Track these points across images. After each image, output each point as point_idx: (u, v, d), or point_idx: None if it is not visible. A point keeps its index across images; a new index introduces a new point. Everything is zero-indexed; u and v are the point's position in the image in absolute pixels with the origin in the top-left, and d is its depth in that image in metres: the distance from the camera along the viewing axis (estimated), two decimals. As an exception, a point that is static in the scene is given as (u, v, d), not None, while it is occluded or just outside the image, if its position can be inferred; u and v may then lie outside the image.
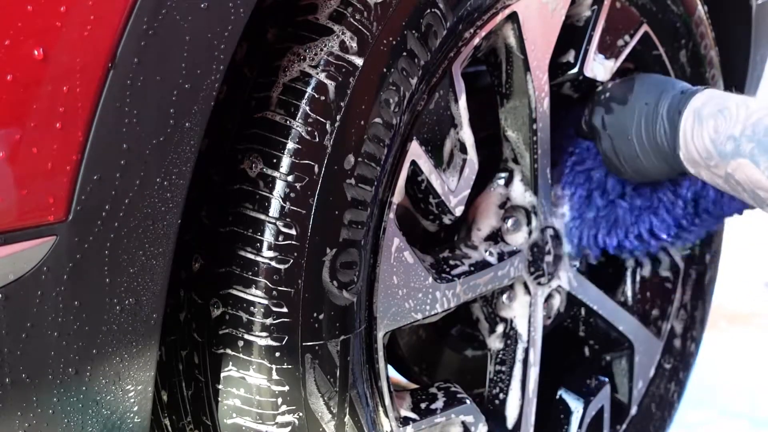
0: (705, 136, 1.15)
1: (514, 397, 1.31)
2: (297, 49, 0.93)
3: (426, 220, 1.16)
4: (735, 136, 1.11)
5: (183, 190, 0.82)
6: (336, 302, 0.96)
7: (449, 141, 1.12)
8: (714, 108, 1.15)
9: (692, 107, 1.18)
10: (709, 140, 1.14)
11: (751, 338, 2.44)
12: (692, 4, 1.43)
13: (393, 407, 1.09)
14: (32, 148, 0.72)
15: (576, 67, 1.29)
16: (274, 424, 0.95)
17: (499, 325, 1.32)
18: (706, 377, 2.07)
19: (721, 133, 1.13)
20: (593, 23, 1.30)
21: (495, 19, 1.13)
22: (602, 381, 1.49)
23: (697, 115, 1.17)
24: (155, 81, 0.77)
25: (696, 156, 1.18)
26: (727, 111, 1.13)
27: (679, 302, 1.61)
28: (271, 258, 0.91)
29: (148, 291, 0.82)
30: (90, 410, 0.81)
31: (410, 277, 1.09)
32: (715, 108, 1.15)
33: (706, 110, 1.16)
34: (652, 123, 1.23)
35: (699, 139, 1.16)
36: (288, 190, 0.91)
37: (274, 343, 0.93)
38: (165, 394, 1.00)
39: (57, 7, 0.72)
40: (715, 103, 1.16)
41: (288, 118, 0.91)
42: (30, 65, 0.71)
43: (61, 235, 0.75)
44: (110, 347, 0.80)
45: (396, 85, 0.98)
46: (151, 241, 0.81)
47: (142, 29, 0.76)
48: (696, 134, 1.17)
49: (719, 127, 1.13)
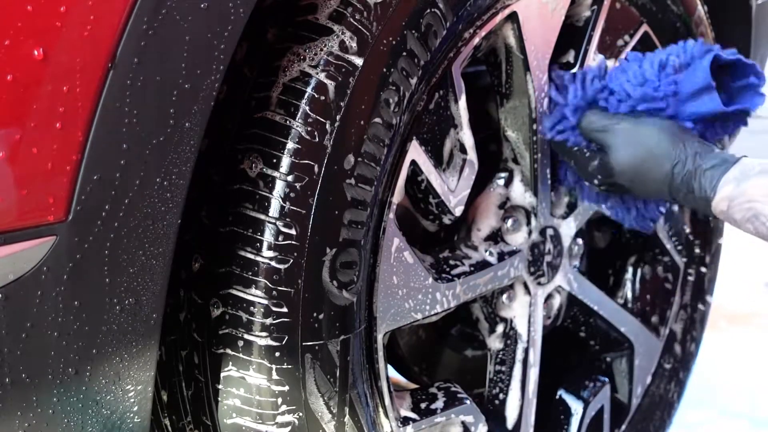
0: (748, 232, 1.12)
1: (514, 397, 1.31)
2: (297, 49, 0.93)
3: (426, 220, 1.16)
4: None
5: (183, 190, 0.82)
6: (336, 302, 0.96)
7: (449, 141, 1.12)
8: (745, 213, 1.10)
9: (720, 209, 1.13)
10: (757, 236, 1.11)
11: (751, 338, 2.44)
12: (692, 4, 1.43)
13: (393, 407, 1.09)
14: (32, 148, 0.72)
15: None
16: (274, 424, 0.95)
17: (499, 325, 1.32)
18: (706, 377, 2.07)
19: (764, 236, 1.10)
20: (593, 23, 1.30)
21: (495, 19, 1.13)
22: (602, 381, 1.49)
23: (731, 218, 1.13)
24: (155, 81, 0.77)
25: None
26: (763, 217, 1.09)
27: (678, 303, 1.61)
28: (271, 258, 0.91)
29: (148, 291, 0.82)
30: (90, 410, 0.81)
31: (410, 277, 1.09)
32: (747, 213, 1.10)
33: (738, 215, 1.11)
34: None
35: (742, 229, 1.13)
36: (288, 190, 0.91)
37: (274, 343, 0.93)
38: (165, 394, 1.00)
39: (57, 7, 0.72)
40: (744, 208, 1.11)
41: (288, 118, 0.91)
42: (30, 65, 0.71)
43: (61, 235, 0.75)
44: (110, 347, 0.80)
45: (396, 85, 0.98)
46: (151, 241, 0.81)
47: (142, 29, 0.76)
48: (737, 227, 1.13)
49: (761, 232, 1.09)
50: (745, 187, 1.10)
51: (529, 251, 1.29)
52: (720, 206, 1.13)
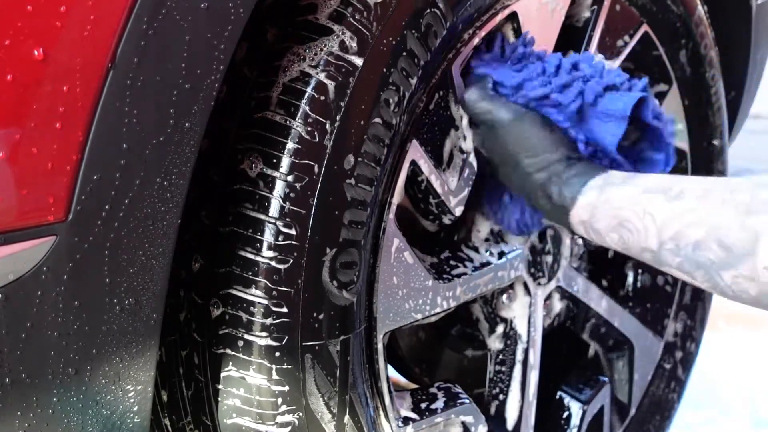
0: (611, 244, 1.04)
1: (514, 397, 1.31)
2: (297, 49, 0.93)
3: (426, 220, 1.16)
4: (653, 250, 0.99)
5: (183, 190, 0.82)
6: (336, 302, 0.96)
7: (449, 141, 1.12)
8: (610, 221, 1.02)
9: (579, 220, 1.06)
10: (621, 248, 1.04)
11: (750, 338, 2.44)
12: (692, 4, 1.43)
13: (393, 407, 1.09)
14: (32, 148, 0.72)
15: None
16: (274, 424, 0.95)
17: (499, 325, 1.32)
18: (706, 377, 2.07)
19: (632, 246, 1.01)
20: (593, 23, 1.30)
21: (495, 19, 1.13)
22: (602, 381, 1.49)
23: (592, 228, 1.05)
24: (155, 81, 0.77)
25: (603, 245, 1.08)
26: (629, 224, 1.00)
27: (678, 303, 1.61)
28: (271, 258, 0.91)
29: (148, 291, 0.82)
30: (90, 410, 0.81)
31: (410, 278, 1.09)
32: (612, 221, 1.02)
33: (601, 224, 1.04)
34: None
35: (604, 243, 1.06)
36: (288, 190, 0.91)
37: (274, 343, 0.93)
38: (165, 394, 1.00)
39: (57, 7, 0.72)
40: (608, 215, 1.02)
41: (288, 118, 0.91)
42: (30, 65, 0.71)
43: (61, 235, 0.75)
44: (110, 347, 0.80)
45: (396, 85, 0.98)
46: (151, 241, 0.81)
47: (142, 29, 0.76)
48: (598, 240, 1.06)
49: (627, 241, 1.01)
50: (610, 195, 1.03)
51: (529, 251, 1.29)
52: (581, 215, 1.05)
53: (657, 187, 1.00)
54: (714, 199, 0.95)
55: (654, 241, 0.98)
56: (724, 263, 0.92)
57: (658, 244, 0.98)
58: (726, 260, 0.92)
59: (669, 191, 0.98)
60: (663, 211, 0.98)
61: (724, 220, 0.92)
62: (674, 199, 0.97)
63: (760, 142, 3.87)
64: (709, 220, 0.94)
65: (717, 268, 0.93)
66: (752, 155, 3.46)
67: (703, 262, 0.94)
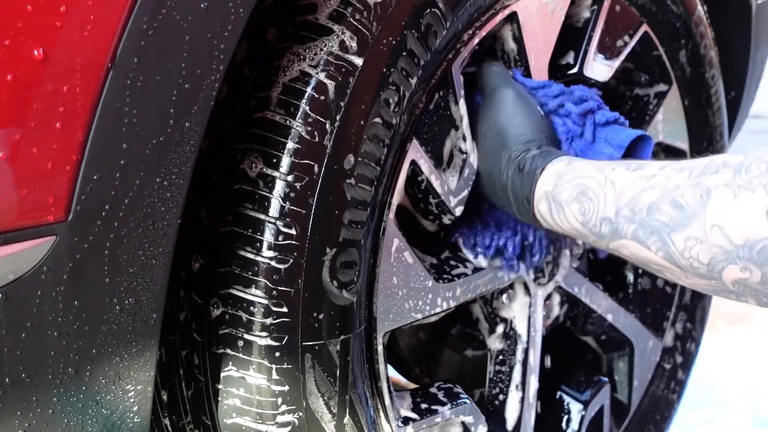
0: (572, 219, 1.03)
1: (514, 397, 1.31)
2: (297, 49, 0.93)
3: (426, 220, 1.16)
4: (610, 219, 0.98)
5: (183, 190, 0.82)
6: (336, 302, 0.96)
7: (449, 141, 1.12)
8: (573, 191, 1.02)
9: (543, 191, 1.06)
10: (579, 224, 1.02)
11: (750, 338, 2.44)
12: (692, 4, 1.43)
13: (393, 407, 1.09)
14: (32, 147, 0.72)
15: (576, 67, 1.29)
16: (274, 423, 0.95)
17: (498, 325, 1.32)
18: (706, 377, 2.07)
19: (591, 216, 1.00)
20: (593, 24, 1.29)
21: (495, 19, 1.13)
22: (602, 381, 1.49)
23: (554, 200, 1.04)
24: (155, 81, 0.77)
25: (563, 231, 1.07)
26: (590, 191, 1.00)
27: (678, 303, 1.61)
28: (271, 258, 0.91)
29: (148, 291, 0.82)
30: (90, 410, 0.81)
31: (410, 278, 1.09)
32: (574, 190, 1.02)
33: (564, 194, 1.03)
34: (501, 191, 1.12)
35: (564, 222, 1.04)
36: (288, 190, 0.91)
37: (274, 343, 0.93)
38: (165, 394, 1.00)
39: (57, 7, 0.72)
40: (571, 184, 1.03)
41: (288, 118, 0.91)
42: (30, 65, 0.71)
43: (61, 235, 0.75)
44: (110, 347, 0.80)
45: (396, 85, 0.98)
46: (151, 241, 0.81)
47: (142, 29, 0.76)
48: (559, 218, 1.05)
49: (587, 211, 1.00)
50: (576, 165, 1.04)
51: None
52: (546, 185, 1.05)
53: (622, 162, 1.03)
54: (673, 167, 0.96)
55: (612, 208, 0.98)
56: (675, 224, 0.91)
57: (615, 211, 0.98)
58: (677, 220, 0.91)
59: (632, 164, 1.00)
60: (623, 179, 0.98)
61: (679, 181, 0.93)
62: (636, 169, 0.99)
63: (760, 142, 3.87)
64: (665, 183, 0.94)
65: (669, 231, 0.92)
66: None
67: (657, 226, 0.93)
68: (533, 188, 1.07)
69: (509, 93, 1.14)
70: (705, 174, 0.91)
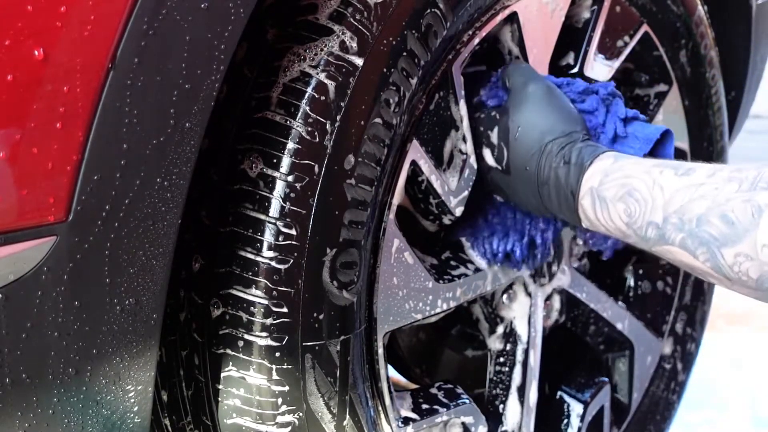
0: (616, 218, 1.02)
1: (514, 398, 1.31)
2: (297, 49, 0.93)
3: (426, 220, 1.16)
4: (657, 224, 0.98)
5: (183, 190, 0.82)
6: (336, 302, 0.96)
7: (449, 142, 1.12)
8: (619, 190, 1.01)
9: (588, 186, 1.04)
10: (624, 224, 1.02)
11: (749, 338, 2.44)
12: (692, 4, 1.43)
13: (393, 407, 1.09)
14: (32, 148, 0.72)
15: (576, 67, 1.29)
16: (274, 424, 0.95)
17: (499, 325, 1.32)
18: (706, 377, 2.07)
19: (637, 218, 1.00)
20: (593, 24, 1.30)
21: (495, 19, 1.13)
22: (602, 381, 1.49)
23: (599, 197, 1.03)
24: (155, 81, 0.77)
25: (605, 230, 1.06)
26: (637, 194, 0.99)
27: (678, 303, 1.61)
28: (271, 258, 0.91)
29: (148, 291, 0.82)
30: (90, 410, 0.81)
31: (410, 278, 1.09)
32: (620, 190, 1.01)
33: (610, 192, 1.02)
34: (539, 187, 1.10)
35: (608, 221, 1.04)
36: (288, 190, 0.91)
37: (274, 343, 0.93)
38: (165, 394, 1.00)
39: (57, 7, 0.72)
40: (618, 183, 1.02)
41: (288, 118, 0.91)
42: (30, 65, 0.71)
43: (61, 235, 0.75)
44: (110, 347, 0.80)
45: (396, 85, 0.98)
46: (151, 241, 0.81)
47: (142, 29, 0.76)
48: (602, 216, 1.04)
49: (633, 213, 1.00)
50: (624, 164, 1.03)
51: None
52: (592, 180, 1.04)
53: (669, 163, 1.01)
54: (721, 176, 0.95)
55: (659, 214, 0.98)
56: (726, 239, 0.91)
57: (663, 217, 0.97)
58: (728, 236, 0.91)
59: (679, 168, 0.99)
60: (672, 184, 0.97)
61: (729, 194, 0.92)
62: (684, 174, 0.98)
63: (760, 142, 3.88)
64: (715, 195, 0.93)
65: (719, 245, 0.92)
66: (752, 155, 3.46)
67: (706, 238, 0.93)
68: (579, 181, 1.05)
69: (543, 86, 1.13)
70: (755, 189, 0.91)
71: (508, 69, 1.15)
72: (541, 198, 1.11)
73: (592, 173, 1.05)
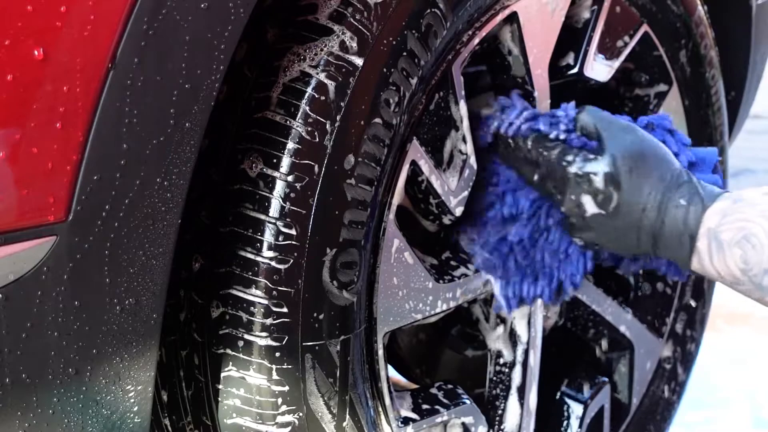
0: (731, 264, 0.99)
1: (514, 398, 1.31)
2: (297, 49, 0.93)
3: (426, 220, 1.16)
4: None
5: (183, 190, 0.82)
6: (336, 302, 0.96)
7: (449, 142, 1.12)
8: (737, 233, 0.98)
9: (706, 227, 1.01)
10: (739, 270, 0.99)
11: (749, 338, 2.44)
12: (692, 4, 1.43)
13: (393, 407, 1.09)
14: (32, 148, 0.72)
15: (576, 68, 1.29)
16: (274, 424, 0.95)
17: (499, 326, 1.32)
18: (706, 377, 2.07)
19: (753, 265, 0.97)
20: (593, 24, 1.30)
21: (495, 19, 1.13)
22: (602, 381, 1.49)
23: (715, 239, 1.00)
24: (155, 81, 0.78)
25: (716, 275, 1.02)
26: (755, 239, 0.96)
27: (678, 303, 1.61)
28: (271, 258, 0.91)
29: (148, 291, 0.82)
30: (90, 410, 0.81)
31: (410, 278, 1.09)
32: (738, 233, 0.98)
33: (727, 235, 0.99)
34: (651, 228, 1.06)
35: (722, 266, 1.01)
36: (288, 190, 0.91)
37: (274, 343, 0.93)
38: (165, 394, 1.00)
39: (57, 7, 0.72)
40: (737, 226, 0.98)
41: (288, 118, 0.91)
42: (30, 65, 0.71)
43: (61, 235, 0.75)
44: (110, 347, 0.80)
45: (396, 85, 0.98)
46: (151, 241, 0.81)
47: (142, 29, 0.76)
48: (717, 260, 1.01)
49: (749, 259, 0.97)
50: (742, 205, 0.99)
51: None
52: (711, 220, 1.01)
53: None
54: None
55: None
56: None
57: None
58: None
59: None
60: None
61: None
62: None
63: (760, 142, 3.88)
64: None
65: None
66: (752, 155, 3.46)
67: None
68: (699, 222, 1.01)
69: (634, 126, 1.10)
70: None
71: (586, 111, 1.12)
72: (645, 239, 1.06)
73: (712, 212, 1.01)
